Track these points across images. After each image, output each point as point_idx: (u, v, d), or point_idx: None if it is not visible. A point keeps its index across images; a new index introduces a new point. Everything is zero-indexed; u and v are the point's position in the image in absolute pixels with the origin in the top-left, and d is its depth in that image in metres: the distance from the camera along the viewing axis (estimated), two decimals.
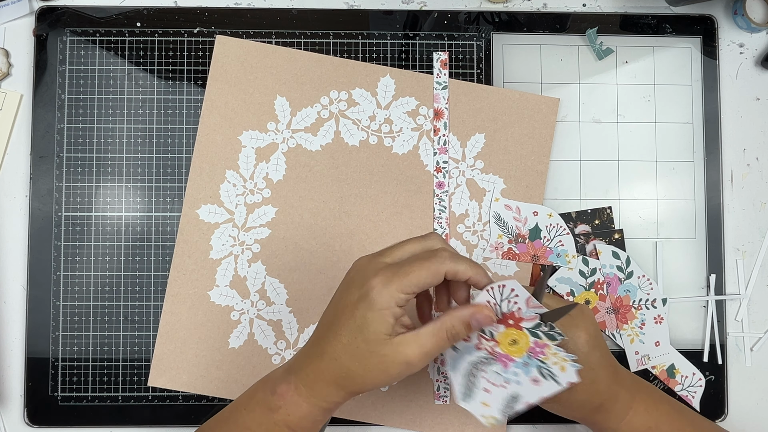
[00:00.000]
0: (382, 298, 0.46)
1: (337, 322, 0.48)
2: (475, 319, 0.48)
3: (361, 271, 0.49)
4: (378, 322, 0.46)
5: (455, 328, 0.48)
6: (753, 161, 0.70)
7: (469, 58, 0.69)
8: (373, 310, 0.46)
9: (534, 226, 0.67)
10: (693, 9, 0.70)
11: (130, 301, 0.66)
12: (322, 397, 0.49)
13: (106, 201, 0.67)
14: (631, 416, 0.55)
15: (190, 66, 0.68)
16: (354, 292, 0.48)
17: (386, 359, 0.47)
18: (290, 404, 0.49)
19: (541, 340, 0.50)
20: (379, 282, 0.47)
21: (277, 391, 0.50)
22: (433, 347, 0.47)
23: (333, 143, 0.68)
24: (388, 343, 0.47)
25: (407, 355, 0.47)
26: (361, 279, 0.48)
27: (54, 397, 0.66)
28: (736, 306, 0.69)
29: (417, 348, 0.47)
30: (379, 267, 0.48)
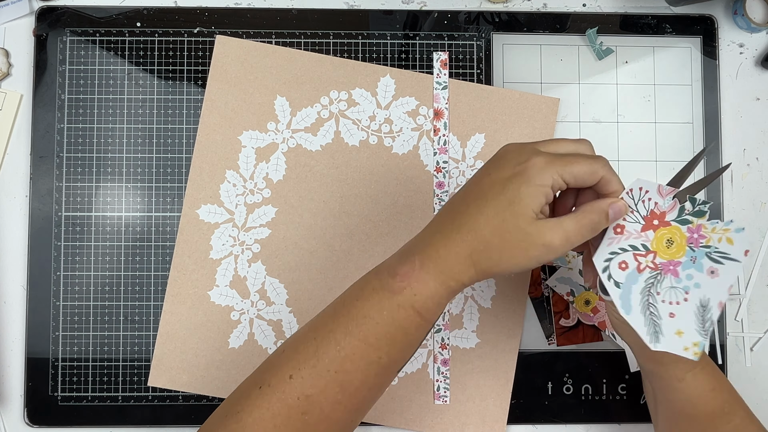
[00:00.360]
0: (541, 175, 0.45)
1: (483, 196, 0.46)
2: (613, 208, 0.47)
3: (515, 152, 0.47)
4: (531, 197, 0.45)
5: (595, 218, 0.47)
6: (753, 161, 0.70)
7: (469, 58, 0.69)
8: (529, 185, 0.45)
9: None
10: (693, 9, 0.70)
11: (130, 301, 0.66)
12: (451, 273, 0.46)
13: (106, 201, 0.67)
14: (699, 371, 0.53)
15: (190, 66, 0.68)
16: (507, 168, 0.46)
17: (529, 238, 0.45)
18: (416, 282, 0.46)
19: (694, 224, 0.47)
20: (541, 161, 0.45)
21: (399, 272, 0.46)
22: (575, 234, 0.46)
23: (333, 143, 0.68)
24: (534, 222, 0.45)
25: (551, 238, 0.45)
26: (517, 157, 0.46)
27: (54, 397, 0.66)
28: (736, 306, 0.69)
29: (561, 232, 0.46)
30: (538, 150, 0.47)
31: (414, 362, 0.67)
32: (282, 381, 0.46)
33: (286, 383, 0.46)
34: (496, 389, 0.66)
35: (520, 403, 0.67)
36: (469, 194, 0.48)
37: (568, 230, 0.46)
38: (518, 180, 0.45)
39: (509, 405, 0.66)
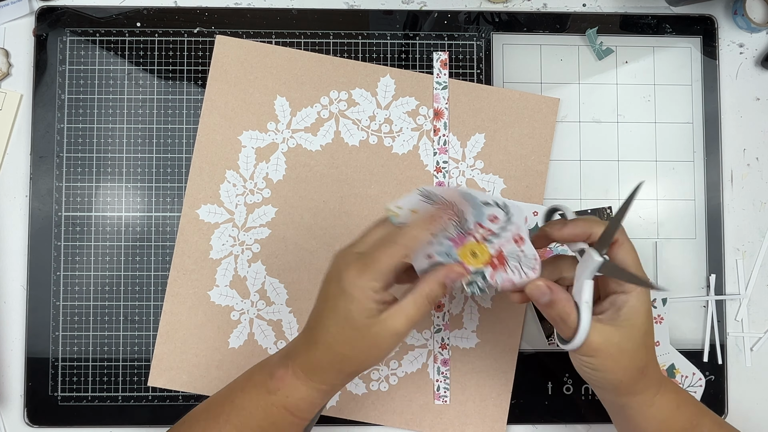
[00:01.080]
0: (357, 291, 0.48)
1: (323, 314, 0.50)
2: (449, 278, 0.51)
3: (335, 265, 0.50)
4: (360, 311, 0.48)
5: (433, 291, 0.50)
6: (753, 161, 0.70)
7: (469, 58, 0.69)
8: (352, 302, 0.48)
9: (534, 226, 0.67)
10: (693, 9, 0.70)
11: (130, 301, 0.66)
12: (320, 380, 0.51)
13: (106, 201, 0.67)
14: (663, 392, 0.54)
15: (190, 66, 0.68)
16: (333, 286, 0.50)
17: (377, 337, 0.49)
18: (288, 387, 0.51)
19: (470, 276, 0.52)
20: (352, 275, 0.48)
21: (276, 375, 0.51)
22: (417, 313, 0.50)
23: (333, 143, 0.68)
24: (374, 323, 0.49)
25: (395, 328, 0.49)
26: (336, 272, 0.50)
27: (54, 397, 0.66)
28: (736, 306, 0.69)
29: (403, 319, 0.49)
30: (350, 259, 0.49)
31: (414, 362, 0.67)
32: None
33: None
34: (496, 389, 0.66)
35: (520, 403, 0.67)
36: (317, 309, 0.52)
37: (410, 314, 0.49)
38: (343, 298, 0.49)
39: (509, 405, 0.66)
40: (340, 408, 0.66)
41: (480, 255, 0.52)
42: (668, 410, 0.54)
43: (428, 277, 0.51)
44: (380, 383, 0.66)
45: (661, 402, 0.54)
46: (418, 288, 0.50)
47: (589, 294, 0.50)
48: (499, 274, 0.52)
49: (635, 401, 0.54)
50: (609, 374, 0.52)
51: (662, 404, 0.54)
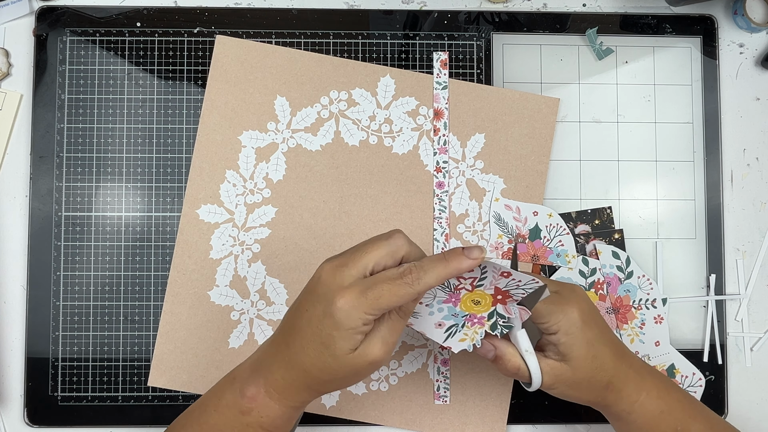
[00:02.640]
0: (349, 320, 0.45)
1: (302, 334, 0.47)
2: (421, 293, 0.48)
3: (326, 284, 0.46)
4: (345, 341, 0.46)
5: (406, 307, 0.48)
6: (753, 161, 0.70)
7: (469, 58, 0.69)
8: (339, 330, 0.45)
9: (534, 226, 0.67)
10: (693, 9, 0.70)
11: (130, 301, 0.66)
12: (294, 399, 0.49)
13: (106, 201, 0.67)
14: (645, 398, 0.55)
15: (190, 66, 0.68)
16: (318, 306, 0.46)
17: (356, 366, 0.47)
18: (262, 407, 0.49)
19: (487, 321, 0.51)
20: (347, 303, 0.45)
21: (247, 395, 0.49)
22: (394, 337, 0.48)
23: (333, 143, 0.68)
24: (355, 355, 0.47)
25: (374, 355, 0.47)
26: (326, 293, 0.46)
27: (54, 397, 0.66)
28: (736, 306, 0.69)
29: (380, 345, 0.47)
30: (345, 283, 0.46)
31: (414, 362, 0.67)
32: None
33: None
34: (496, 389, 0.66)
35: (520, 403, 0.67)
36: (293, 326, 0.48)
37: (387, 341, 0.47)
38: (329, 323, 0.46)
39: (509, 405, 0.66)
40: (340, 408, 0.66)
41: (482, 300, 0.51)
42: (650, 416, 0.55)
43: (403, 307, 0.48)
44: (380, 383, 0.66)
45: (642, 410, 0.55)
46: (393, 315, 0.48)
47: (526, 342, 0.53)
48: (511, 305, 0.51)
49: (613, 411, 0.56)
50: (574, 397, 0.56)
51: (643, 411, 0.55)
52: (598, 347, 0.53)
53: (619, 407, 0.55)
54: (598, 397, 0.55)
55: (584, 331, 0.53)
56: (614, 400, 0.55)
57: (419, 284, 0.46)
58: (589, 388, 0.54)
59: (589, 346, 0.53)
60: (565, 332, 0.53)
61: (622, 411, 0.55)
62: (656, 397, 0.55)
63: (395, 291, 0.45)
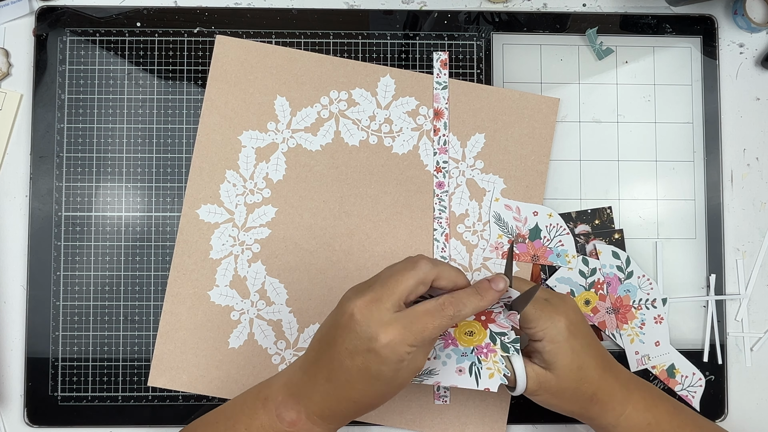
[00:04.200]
0: (396, 354, 0.46)
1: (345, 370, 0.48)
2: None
3: (363, 322, 0.47)
4: (394, 371, 0.47)
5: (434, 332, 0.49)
6: (753, 161, 0.70)
7: (469, 58, 0.69)
8: (388, 364, 0.47)
9: (534, 226, 0.67)
10: (693, 9, 0.70)
11: (130, 301, 0.66)
12: (339, 423, 0.50)
13: (106, 201, 0.67)
14: (630, 411, 0.55)
15: (190, 66, 0.68)
16: (359, 343, 0.47)
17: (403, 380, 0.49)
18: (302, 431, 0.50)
19: (494, 345, 0.51)
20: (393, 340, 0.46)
21: (286, 419, 0.50)
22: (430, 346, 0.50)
23: (333, 143, 0.68)
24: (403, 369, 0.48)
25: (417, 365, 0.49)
26: (366, 331, 0.47)
27: (54, 397, 0.66)
28: (736, 306, 0.69)
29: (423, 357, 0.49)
30: (384, 319, 0.47)
31: None
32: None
33: None
34: None
35: (520, 403, 0.67)
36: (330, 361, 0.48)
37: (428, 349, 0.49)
38: (375, 359, 0.46)
39: (509, 405, 0.66)
40: None
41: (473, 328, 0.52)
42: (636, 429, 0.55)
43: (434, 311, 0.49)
44: None
45: (627, 423, 0.55)
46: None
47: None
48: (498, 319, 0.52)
49: (598, 423, 0.56)
50: (558, 407, 0.56)
51: (629, 425, 0.55)
52: (583, 358, 0.54)
53: (604, 420, 0.55)
54: (582, 409, 0.55)
55: (570, 340, 0.53)
56: (599, 412, 0.55)
57: (459, 316, 0.48)
58: (573, 399, 0.55)
59: (574, 355, 0.53)
60: (551, 340, 0.53)
61: (608, 424, 0.55)
62: (643, 409, 0.55)
63: (438, 324, 0.47)
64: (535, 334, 0.53)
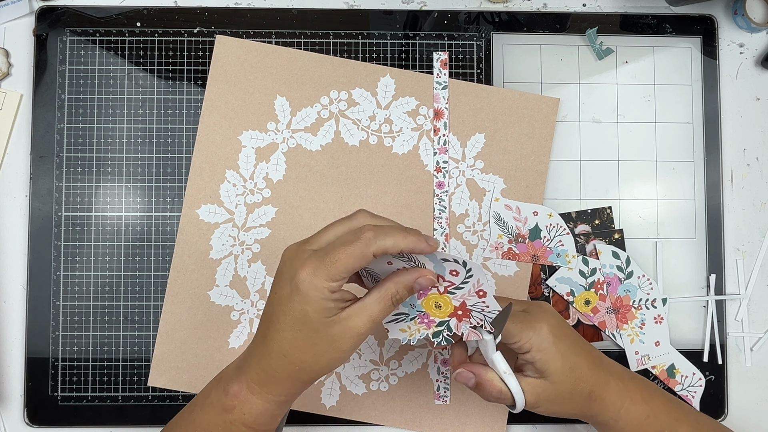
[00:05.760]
0: (314, 291, 0.45)
1: (275, 318, 0.47)
2: (419, 283, 0.48)
3: (288, 263, 0.47)
4: (316, 311, 0.46)
5: (399, 294, 0.48)
6: (753, 161, 0.70)
7: (469, 58, 0.69)
8: (308, 303, 0.46)
9: (534, 226, 0.67)
10: (693, 9, 0.70)
11: (130, 301, 0.66)
12: (277, 392, 0.49)
13: (106, 201, 0.67)
14: (629, 404, 0.55)
15: (190, 66, 0.68)
16: (285, 285, 0.47)
17: (336, 338, 0.47)
18: (244, 403, 0.49)
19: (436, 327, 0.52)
20: (307, 273, 0.45)
21: (230, 392, 0.49)
22: (380, 313, 0.48)
23: (333, 143, 0.68)
24: (334, 322, 0.46)
25: (357, 327, 0.47)
26: (289, 271, 0.47)
27: (54, 397, 0.66)
28: (736, 306, 0.69)
29: (365, 318, 0.47)
30: (305, 256, 0.46)
31: (414, 362, 0.67)
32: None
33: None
34: None
35: None
36: (267, 314, 0.48)
37: (372, 313, 0.47)
38: (297, 299, 0.46)
39: None
40: (340, 408, 0.66)
41: (443, 306, 0.51)
42: (636, 422, 0.55)
43: (397, 278, 0.48)
44: (380, 383, 0.66)
45: (628, 416, 0.55)
46: (384, 287, 0.48)
47: (503, 364, 0.53)
48: (464, 325, 0.52)
49: (600, 420, 0.56)
50: (560, 413, 0.56)
51: (629, 418, 0.55)
52: (573, 358, 0.54)
53: (605, 416, 0.55)
54: (583, 408, 0.55)
55: (556, 344, 0.53)
56: (599, 409, 0.55)
57: (374, 245, 0.45)
58: (572, 401, 0.55)
59: (564, 358, 0.53)
60: (538, 348, 0.53)
61: (609, 419, 0.55)
62: (641, 401, 0.55)
63: (351, 251, 0.45)
64: (521, 347, 0.54)
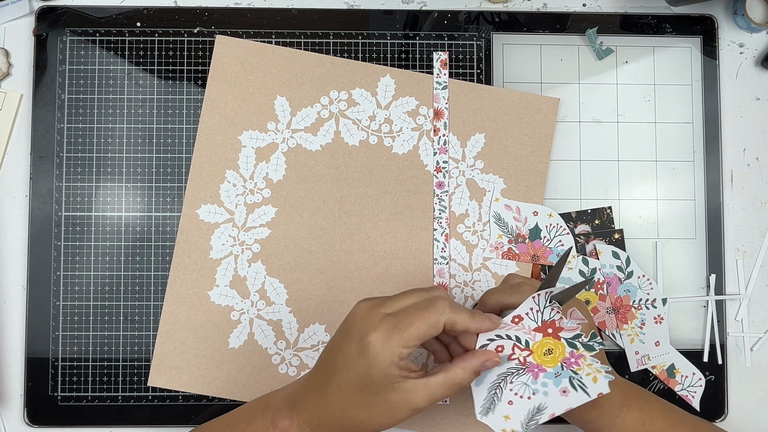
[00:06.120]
0: (383, 355, 0.46)
1: (338, 374, 0.48)
2: (485, 367, 0.49)
3: (360, 322, 0.48)
4: (382, 377, 0.46)
5: (466, 379, 0.48)
6: (753, 161, 0.70)
7: (469, 58, 0.69)
8: (375, 367, 0.46)
9: (534, 226, 0.67)
10: (693, 9, 0.70)
11: (130, 301, 0.66)
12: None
13: (106, 201, 0.67)
14: (625, 413, 0.55)
15: (190, 66, 0.68)
16: (353, 344, 0.47)
17: (395, 405, 0.47)
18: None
19: (578, 351, 0.50)
20: (379, 338, 0.46)
21: (279, 426, 0.50)
22: (442, 395, 0.48)
23: (333, 143, 0.68)
24: (395, 390, 0.47)
25: (415, 402, 0.47)
26: (360, 331, 0.47)
27: (54, 397, 0.66)
28: (736, 306, 0.69)
29: (426, 396, 0.47)
30: (378, 319, 0.47)
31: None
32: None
33: None
34: None
35: None
36: (329, 363, 0.49)
37: (434, 394, 0.48)
38: (364, 362, 0.46)
39: None
40: None
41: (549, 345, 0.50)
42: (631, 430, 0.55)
43: (465, 364, 0.48)
44: None
45: (623, 424, 0.55)
46: (452, 371, 0.48)
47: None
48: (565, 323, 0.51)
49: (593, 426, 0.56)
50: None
51: (623, 426, 0.55)
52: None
53: (600, 423, 0.55)
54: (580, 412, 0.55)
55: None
56: (596, 416, 0.55)
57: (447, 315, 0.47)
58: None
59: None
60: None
61: (603, 426, 0.55)
62: (637, 409, 0.55)
63: (426, 317, 0.46)
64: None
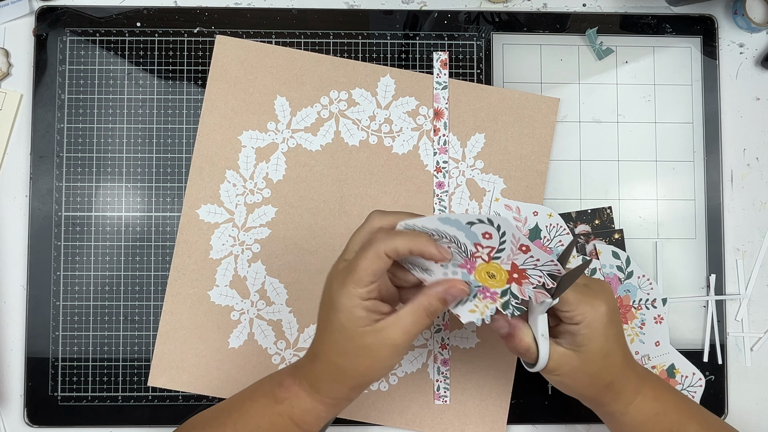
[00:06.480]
0: (343, 300, 0.48)
1: (321, 327, 0.51)
2: (450, 294, 0.50)
3: (328, 277, 0.51)
4: (350, 321, 0.48)
5: (432, 306, 0.50)
6: (753, 161, 0.70)
7: (469, 58, 0.69)
8: (341, 312, 0.48)
9: (534, 226, 0.67)
10: (693, 9, 0.70)
11: (130, 301, 0.66)
12: (325, 393, 0.51)
13: (106, 201, 0.67)
14: (640, 400, 0.55)
15: (190, 66, 0.68)
16: (325, 298, 0.51)
17: (372, 347, 0.49)
18: (294, 397, 0.51)
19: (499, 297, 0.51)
20: (337, 285, 0.49)
21: (284, 384, 0.52)
22: (414, 326, 0.49)
23: (333, 143, 0.68)
24: (369, 332, 0.48)
25: (391, 338, 0.49)
26: (327, 284, 0.51)
27: (54, 397, 0.66)
28: (736, 306, 0.69)
29: (399, 329, 0.49)
30: (338, 269, 0.50)
31: (414, 362, 0.67)
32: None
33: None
34: (496, 389, 0.66)
35: (520, 403, 0.67)
36: (318, 324, 0.52)
37: (406, 326, 0.49)
38: (333, 310, 0.49)
39: (509, 405, 0.66)
40: None
41: (497, 274, 0.50)
42: (644, 418, 0.55)
43: (428, 291, 0.50)
44: (380, 383, 0.66)
45: (636, 411, 0.55)
46: (417, 300, 0.50)
47: (544, 327, 0.53)
48: (527, 288, 0.51)
49: (606, 410, 0.56)
50: (571, 389, 0.56)
51: (637, 413, 0.55)
52: (612, 346, 0.53)
53: (613, 407, 0.55)
54: (594, 394, 0.55)
55: (607, 327, 0.53)
56: (611, 399, 0.55)
57: (386, 245, 0.48)
58: (590, 383, 0.54)
59: (606, 343, 0.53)
60: (588, 325, 0.52)
61: (616, 411, 0.55)
62: (652, 398, 0.55)
63: (366, 255, 0.48)
64: (573, 317, 0.52)
